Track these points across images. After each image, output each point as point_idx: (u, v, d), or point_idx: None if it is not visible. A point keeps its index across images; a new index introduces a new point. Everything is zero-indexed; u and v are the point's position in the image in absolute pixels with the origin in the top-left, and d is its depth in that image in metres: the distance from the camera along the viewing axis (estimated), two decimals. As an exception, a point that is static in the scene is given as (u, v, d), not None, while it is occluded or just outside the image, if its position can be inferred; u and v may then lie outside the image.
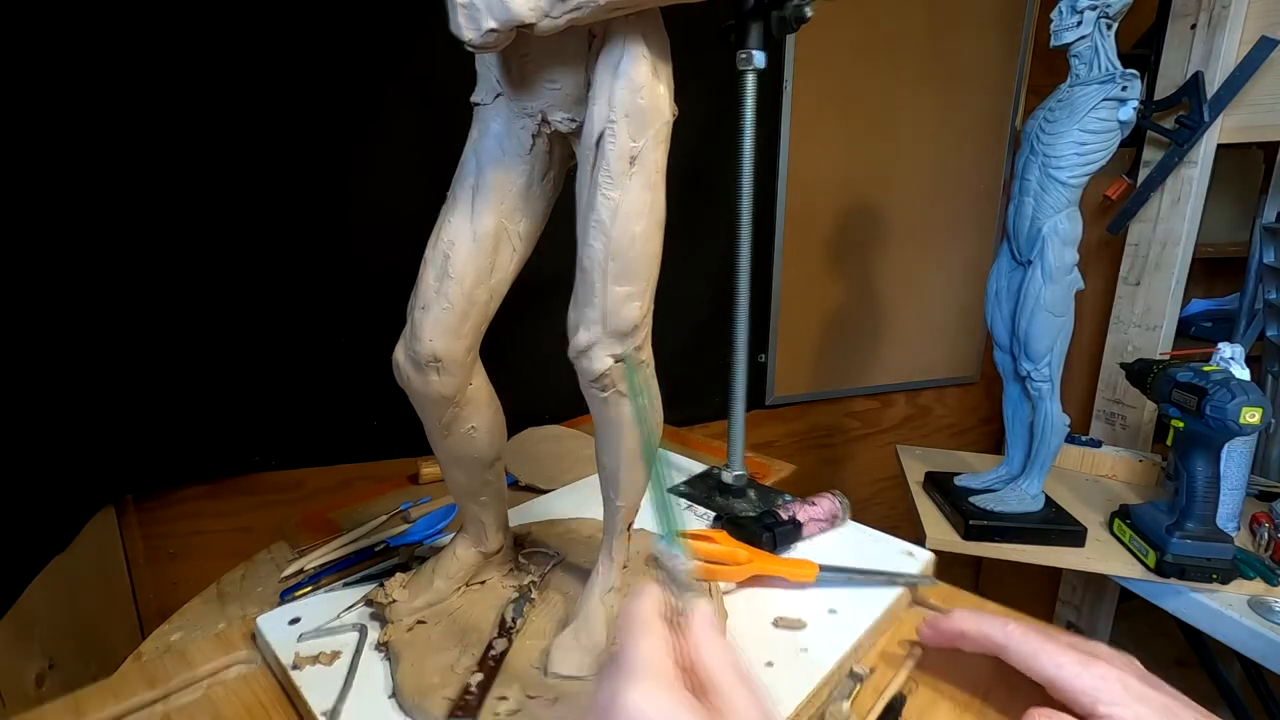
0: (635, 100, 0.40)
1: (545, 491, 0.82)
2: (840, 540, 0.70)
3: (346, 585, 0.62)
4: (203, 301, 0.87)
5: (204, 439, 0.92)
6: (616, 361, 0.43)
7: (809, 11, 0.67)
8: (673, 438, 1.11)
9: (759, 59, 0.70)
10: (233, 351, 0.90)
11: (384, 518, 0.79)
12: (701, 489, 0.82)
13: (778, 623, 0.55)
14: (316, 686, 0.48)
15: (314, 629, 0.54)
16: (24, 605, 0.69)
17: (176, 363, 0.87)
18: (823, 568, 0.60)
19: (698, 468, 0.89)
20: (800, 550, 0.68)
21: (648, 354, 0.45)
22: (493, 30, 0.36)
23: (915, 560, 0.65)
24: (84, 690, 0.49)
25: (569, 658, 0.47)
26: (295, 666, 0.50)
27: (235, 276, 0.88)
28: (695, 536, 0.64)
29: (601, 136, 0.40)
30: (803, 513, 0.69)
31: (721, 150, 1.22)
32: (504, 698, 0.45)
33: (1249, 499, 0.99)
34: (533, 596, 0.56)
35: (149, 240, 0.83)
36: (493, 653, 0.49)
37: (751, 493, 0.81)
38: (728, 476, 0.81)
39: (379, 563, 0.68)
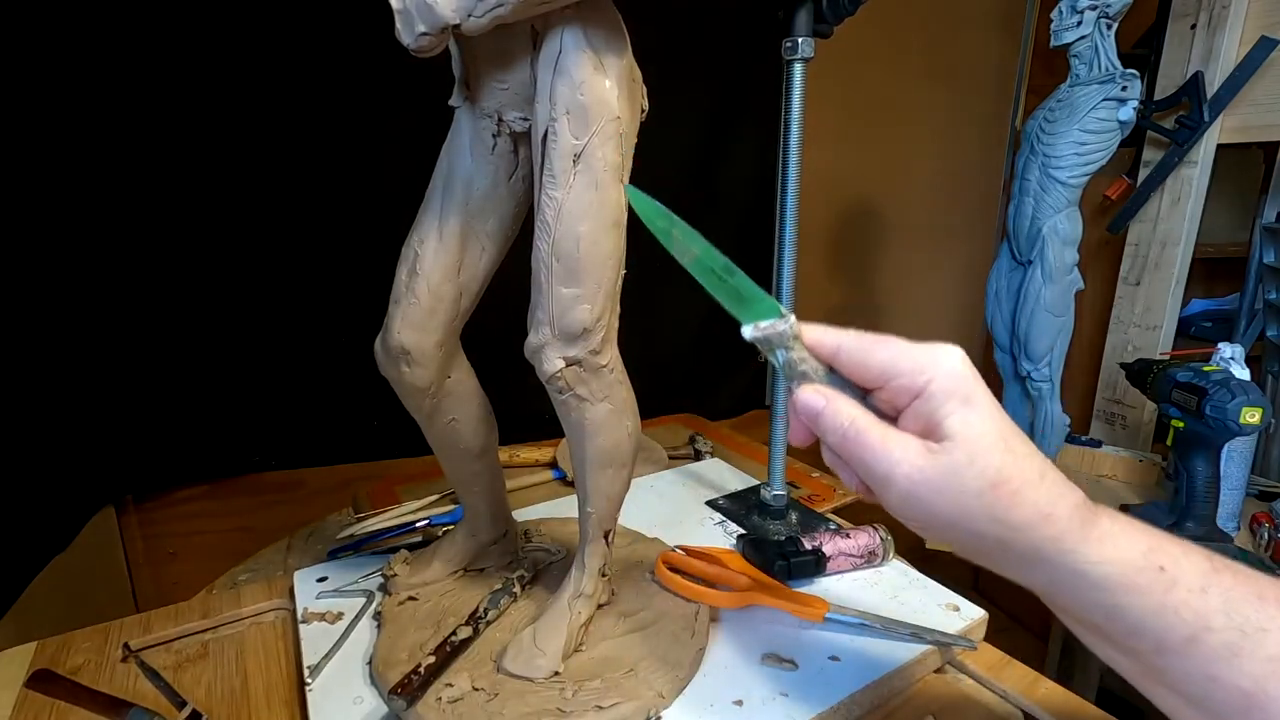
0: (575, 97, 0.39)
1: None
2: (873, 580, 0.62)
3: (382, 555, 0.66)
4: (202, 302, 0.87)
5: (204, 439, 0.92)
6: (569, 365, 0.43)
7: None
8: (725, 441, 1.09)
9: (807, 47, 0.64)
10: (232, 352, 0.90)
11: (435, 496, 0.83)
12: (740, 506, 0.77)
13: (765, 659, 0.51)
14: (314, 641, 0.53)
15: (332, 589, 0.60)
16: (24, 605, 0.69)
17: (176, 363, 0.87)
18: (835, 607, 0.53)
19: (739, 484, 0.83)
20: (821, 585, 0.61)
21: (609, 358, 0.44)
22: (424, 34, 0.36)
23: (960, 617, 0.56)
24: (155, 610, 0.59)
25: (520, 657, 0.47)
26: (303, 620, 0.55)
27: (235, 277, 0.88)
28: (698, 555, 0.60)
29: (544, 135, 0.40)
30: (831, 544, 0.62)
31: (722, 149, 1.22)
32: (450, 685, 0.45)
33: (1249, 499, 0.98)
34: (515, 590, 0.56)
35: (149, 241, 0.82)
36: (453, 639, 0.49)
37: (793, 516, 0.75)
38: (767, 495, 0.75)
39: (414, 538, 0.72)
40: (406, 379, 0.48)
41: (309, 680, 0.49)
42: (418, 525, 0.75)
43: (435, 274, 0.46)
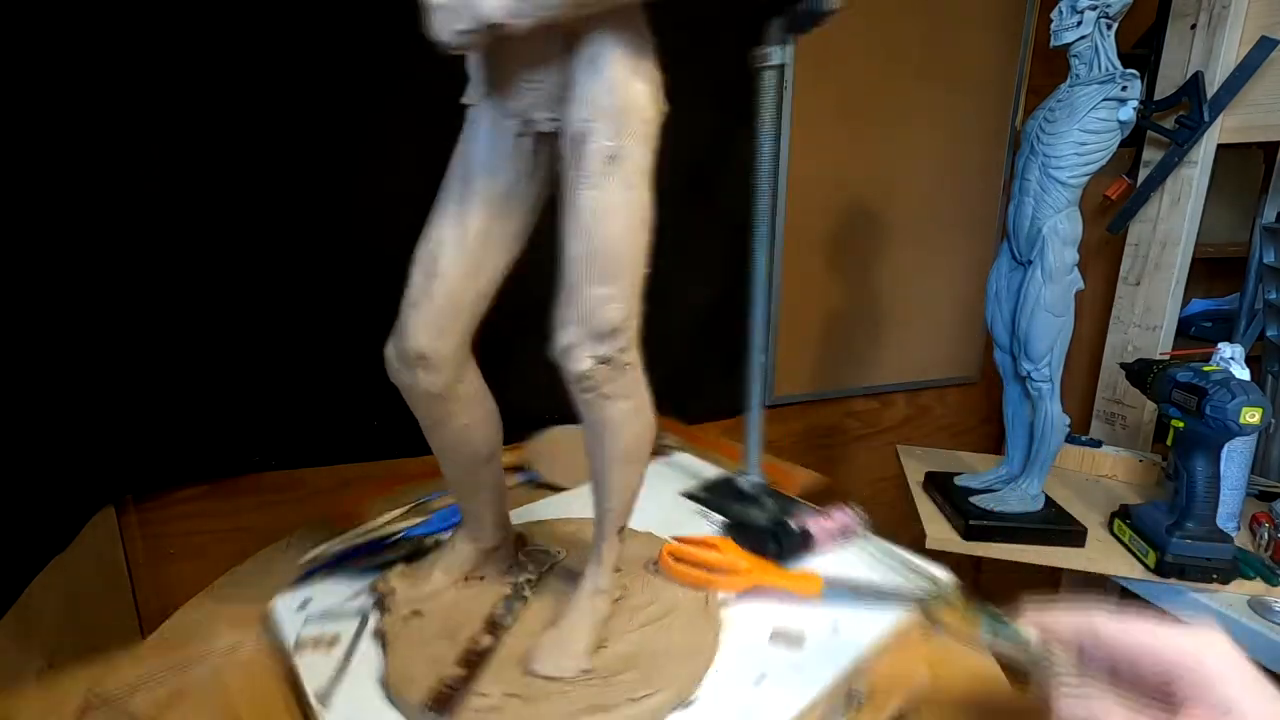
0: (612, 99, 0.40)
1: (563, 490, 0.82)
2: (856, 555, 0.67)
3: (362, 572, 0.64)
4: (202, 301, 0.87)
5: (204, 439, 0.92)
6: (599, 363, 0.43)
7: (833, 3, 0.64)
8: (684, 435, 1.09)
9: (777, 56, 0.68)
10: (232, 351, 0.90)
11: (406, 507, 0.80)
12: (717, 495, 0.79)
13: (774, 637, 0.53)
14: (313, 669, 0.50)
15: (319, 613, 0.56)
16: (24, 605, 0.69)
17: (176, 363, 0.87)
18: (829, 582, 0.58)
19: (714, 471, 0.86)
20: (812, 563, 0.65)
21: (633, 356, 0.45)
22: (466, 31, 0.36)
23: (934, 580, 0.64)
24: (112, 655, 0.53)
25: (549, 659, 0.47)
26: (298, 647, 0.52)
27: (235, 276, 0.88)
28: (696, 543, 0.62)
29: (579, 136, 0.40)
30: (815, 524, 0.66)
31: (722, 150, 1.22)
32: (484, 694, 0.45)
33: (1249, 499, 0.99)
34: (526, 594, 0.56)
35: (149, 240, 0.82)
36: (476, 648, 0.49)
37: (769, 501, 0.78)
38: (744, 483, 0.78)
39: (395, 552, 0.69)
40: (422, 385, 0.47)
41: (321, 707, 0.47)
42: (392, 540, 0.71)
43: (454, 276, 0.46)
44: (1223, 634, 0.31)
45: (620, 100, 0.40)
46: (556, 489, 0.84)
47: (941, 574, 0.63)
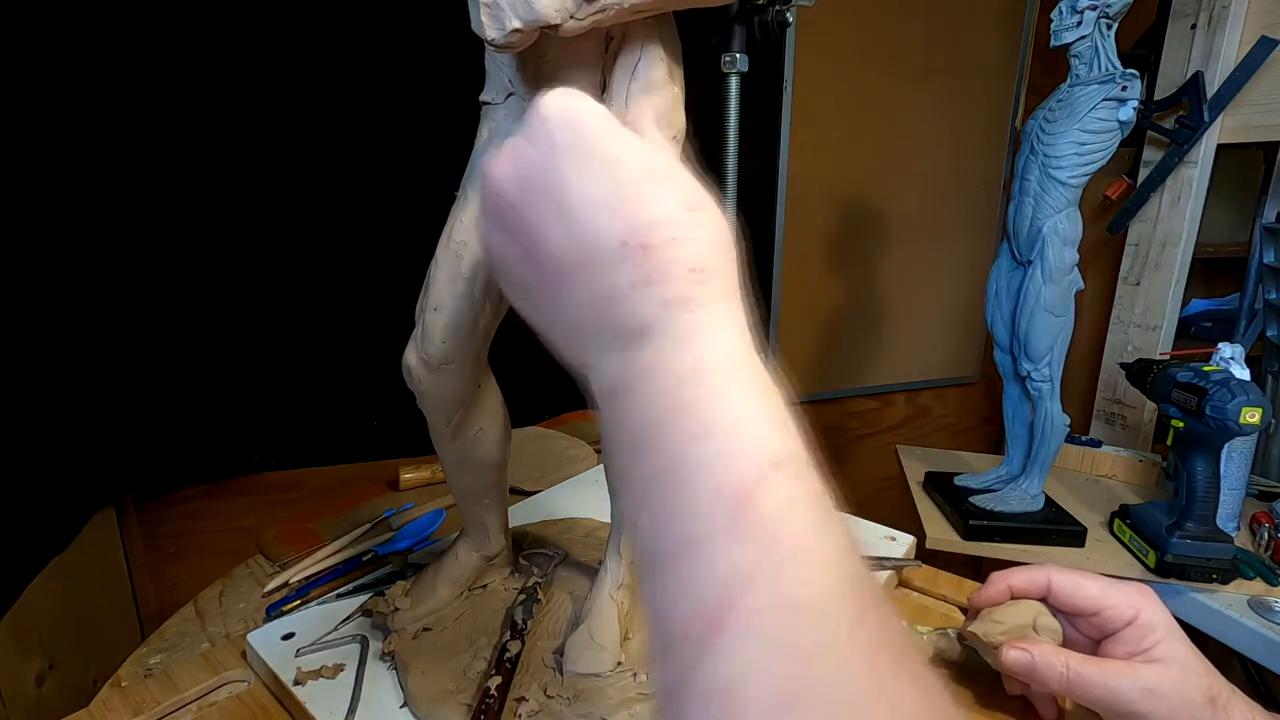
0: (652, 102, 0.40)
1: (531, 493, 0.82)
2: None
3: (339, 597, 0.62)
4: (203, 302, 0.87)
5: (204, 439, 0.92)
6: None
7: (790, 17, 0.68)
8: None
9: (743, 62, 0.72)
10: (233, 352, 0.90)
11: (367, 526, 0.76)
12: None
13: None
14: (322, 701, 0.48)
15: (311, 643, 0.53)
16: (24, 605, 0.69)
17: (176, 363, 0.87)
18: None
19: None
20: None
21: None
22: (516, 30, 0.35)
23: (898, 545, 0.69)
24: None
25: (585, 656, 0.48)
26: (298, 682, 0.49)
27: (235, 277, 0.88)
28: None
29: None
30: None
31: (720, 153, 1.22)
32: (523, 699, 0.45)
33: (1249, 499, 0.98)
34: (540, 597, 0.56)
35: (149, 240, 0.82)
36: (507, 655, 0.49)
37: None
38: None
39: (369, 572, 0.66)
40: (447, 390, 0.47)
41: None
42: (364, 560, 0.69)
43: (482, 278, 0.45)
44: (1152, 591, 0.40)
45: (660, 103, 0.40)
46: (522, 492, 0.84)
47: (905, 537, 0.70)
